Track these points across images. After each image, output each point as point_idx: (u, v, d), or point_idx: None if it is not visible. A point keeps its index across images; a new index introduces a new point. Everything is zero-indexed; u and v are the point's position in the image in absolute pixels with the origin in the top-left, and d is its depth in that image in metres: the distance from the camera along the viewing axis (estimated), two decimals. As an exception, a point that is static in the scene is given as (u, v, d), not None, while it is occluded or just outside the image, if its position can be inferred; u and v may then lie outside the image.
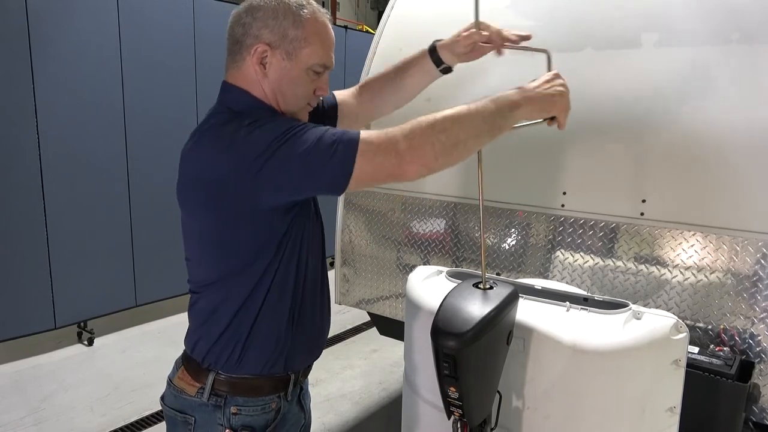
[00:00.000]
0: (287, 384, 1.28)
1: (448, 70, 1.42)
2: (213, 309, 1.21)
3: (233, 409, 1.22)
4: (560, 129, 1.23)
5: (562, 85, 1.20)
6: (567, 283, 1.82)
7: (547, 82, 1.20)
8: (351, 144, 1.07)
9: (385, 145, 1.07)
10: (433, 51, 1.40)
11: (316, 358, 1.39)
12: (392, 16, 2.49)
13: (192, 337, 1.26)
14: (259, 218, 1.13)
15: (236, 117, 1.14)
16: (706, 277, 1.65)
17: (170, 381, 1.29)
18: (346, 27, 5.83)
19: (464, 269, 1.54)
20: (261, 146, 1.06)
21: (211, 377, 1.22)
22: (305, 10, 1.17)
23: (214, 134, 1.14)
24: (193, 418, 1.23)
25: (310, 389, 1.47)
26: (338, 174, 1.07)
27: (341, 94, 1.52)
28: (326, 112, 1.47)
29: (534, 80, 1.20)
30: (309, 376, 1.42)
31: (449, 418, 1.16)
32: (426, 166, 1.08)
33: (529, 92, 1.17)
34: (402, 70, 1.46)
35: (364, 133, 1.09)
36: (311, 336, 1.31)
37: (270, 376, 1.24)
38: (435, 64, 1.41)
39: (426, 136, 1.07)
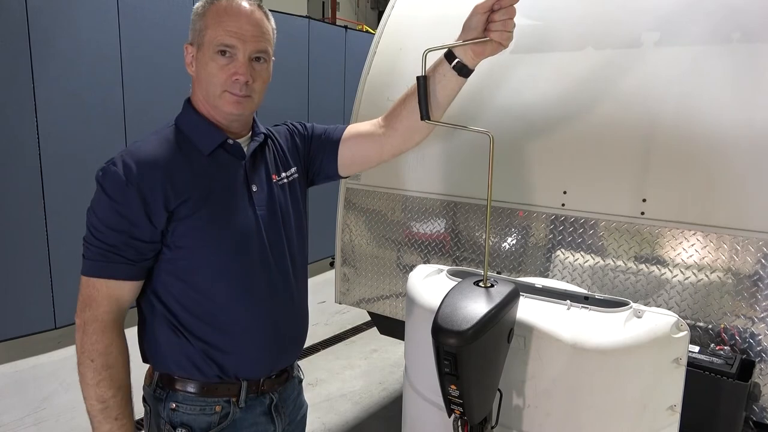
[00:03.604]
0: (238, 390, 1.26)
1: (463, 68, 1.24)
2: (138, 313, 1.30)
3: (172, 405, 1.24)
4: None
5: None
6: (567, 282, 1.82)
7: None
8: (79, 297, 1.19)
9: (77, 332, 1.18)
10: (449, 53, 1.25)
11: (278, 369, 1.34)
12: (392, 16, 2.49)
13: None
14: None
15: (148, 143, 1.22)
16: (707, 276, 1.65)
17: None
18: (346, 27, 5.84)
19: (465, 268, 1.54)
20: (90, 209, 1.18)
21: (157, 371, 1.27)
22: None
23: (113, 165, 1.20)
24: (149, 408, 1.29)
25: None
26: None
27: (357, 129, 1.44)
28: (325, 146, 1.44)
29: None
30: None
31: (450, 417, 1.16)
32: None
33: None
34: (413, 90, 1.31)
35: (77, 318, 1.17)
36: (259, 348, 1.28)
37: (206, 379, 1.24)
38: (448, 62, 1.24)
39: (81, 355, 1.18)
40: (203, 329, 1.22)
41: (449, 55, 1.24)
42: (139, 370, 1.30)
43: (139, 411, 1.26)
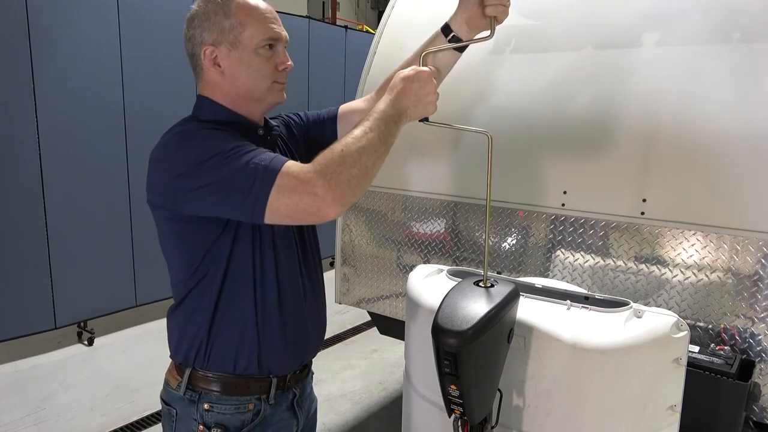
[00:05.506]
0: (268, 387, 1.27)
1: (459, 42, 1.31)
2: (177, 307, 1.26)
3: (206, 406, 1.23)
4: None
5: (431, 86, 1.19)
6: (567, 282, 1.82)
7: (424, 84, 1.18)
8: (268, 178, 1.04)
9: (302, 186, 1.04)
10: (446, 27, 1.33)
11: (302, 364, 1.37)
12: (392, 16, 2.49)
13: (169, 333, 1.30)
14: (196, 223, 1.16)
15: (188, 125, 1.19)
16: (707, 276, 1.65)
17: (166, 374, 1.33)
18: (346, 27, 5.84)
19: (465, 268, 1.54)
20: (186, 164, 1.09)
21: (187, 372, 1.25)
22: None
23: (164, 140, 1.17)
24: (175, 411, 1.27)
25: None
26: (250, 207, 1.07)
27: (350, 106, 1.50)
28: (324, 126, 1.46)
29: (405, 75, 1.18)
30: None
31: (450, 417, 1.16)
32: (345, 204, 1.06)
33: (408, 98, 1.17)
34: (418, 56, 1.34)
35: (285, 168, 1.06)
36: (290, 341, 1.29)
37: (245, 377, 1.24)
38: (444, 36, 1.32)
39: (341, 174, 1.05)
40: (241, 324, 1.23)
41: (446, 30, 1.31)
42: (157, 371, 1.28)
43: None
